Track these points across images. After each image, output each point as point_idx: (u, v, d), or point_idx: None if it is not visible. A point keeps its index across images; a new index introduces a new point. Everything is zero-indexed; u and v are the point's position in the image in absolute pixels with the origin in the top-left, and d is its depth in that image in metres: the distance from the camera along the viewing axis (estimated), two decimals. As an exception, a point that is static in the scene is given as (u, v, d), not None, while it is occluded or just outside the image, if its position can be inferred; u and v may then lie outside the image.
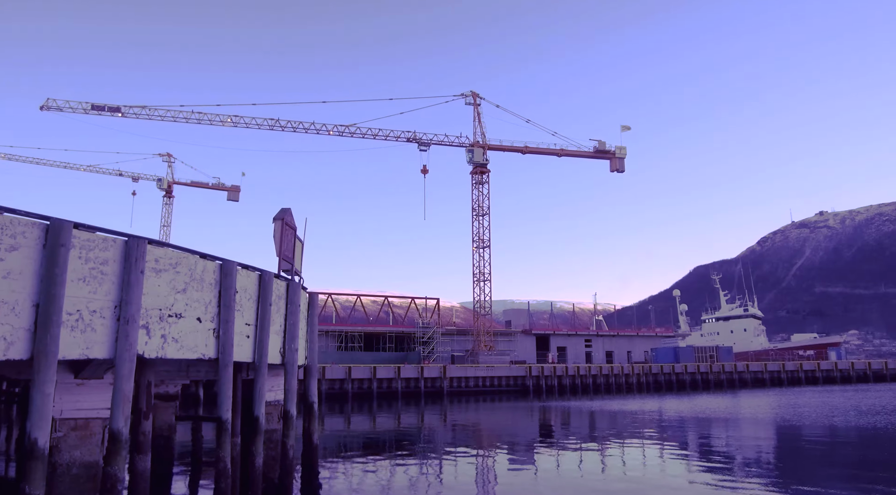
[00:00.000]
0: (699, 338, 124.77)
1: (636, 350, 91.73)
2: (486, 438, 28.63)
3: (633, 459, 20.91)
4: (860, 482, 16.16)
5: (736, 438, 26.60)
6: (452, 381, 62.63)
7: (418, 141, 79.93)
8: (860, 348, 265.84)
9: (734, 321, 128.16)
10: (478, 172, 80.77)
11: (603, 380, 69.62)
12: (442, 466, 19.80)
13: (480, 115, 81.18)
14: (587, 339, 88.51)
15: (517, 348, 79.35)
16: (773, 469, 18.93)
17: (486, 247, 79.11)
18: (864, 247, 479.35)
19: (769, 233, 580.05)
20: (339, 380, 57.46)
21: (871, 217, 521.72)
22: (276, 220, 14.51)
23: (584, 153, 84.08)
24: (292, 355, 13.23)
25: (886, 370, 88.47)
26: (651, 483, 16.10)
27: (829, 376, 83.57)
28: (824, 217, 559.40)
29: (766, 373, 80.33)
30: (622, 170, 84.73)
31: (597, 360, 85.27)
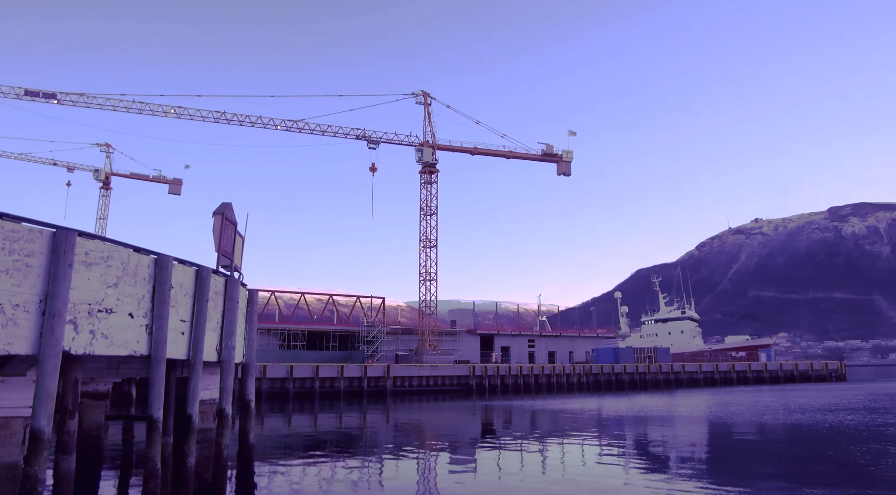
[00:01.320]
0: (639, 339, 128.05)
1: (578, 350, 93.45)
2: (428, 438, 28.67)
3: (572, 458, 21.30)
4: (789, 477, 16.88)
5: (672, 436, 27.40)
6: (396, 381, 62.48)
7: (367, 139, 79.42)
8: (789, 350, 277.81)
9: (672, 323, 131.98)
10: (427, 172, 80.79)
11: (545, 380, 70.67)
12: (383, 466, 19.73)
13: (431, 115, 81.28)
14: (531, 340, 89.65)
15: (462, 348, 79.74)
16: (707, 466, 19.58)
17: (433, 246, 79.22)
18: (796, 253, 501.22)
19: (707, 239, 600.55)
20: (281, 379, 56.58)
21: (802, 225, 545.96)
22: (216, 215, 14.19)
23: (531, 156, 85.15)
24: (229, 353, 12.96)
25: (812, 371, 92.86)
26: (589, 482, 16.43)
27: (759, 376, 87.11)
28: (759, 224, 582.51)
29: (700, 374, 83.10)
30: (569, 173, 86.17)
31: (540, 360, 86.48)
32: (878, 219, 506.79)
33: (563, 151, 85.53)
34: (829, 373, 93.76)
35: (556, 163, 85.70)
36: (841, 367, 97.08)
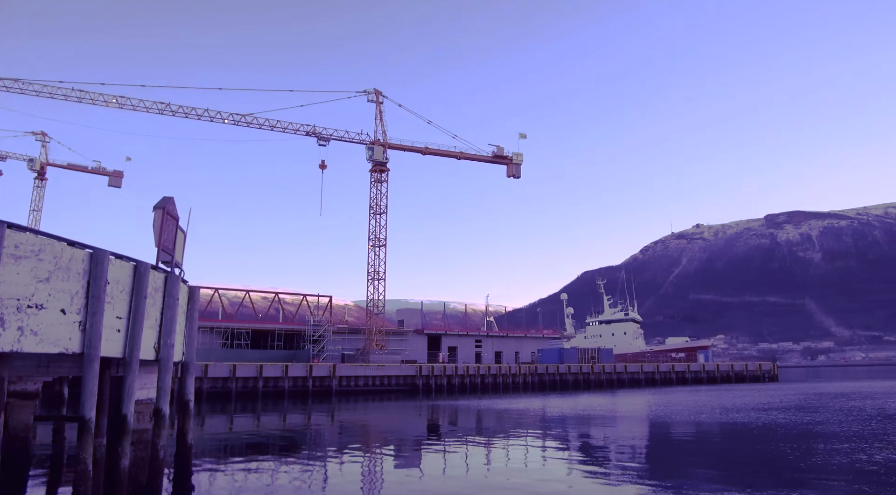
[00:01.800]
0: (583, 340, 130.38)
1: (524, 350, 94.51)
2: (373, 438, 28.52)
3: (516, 458, 21.53)
4: (725, 474, 17.45)
5: (614, 435, 27.99)
6: (342, 380, 61.93)
7: (318, 135, 78.48)
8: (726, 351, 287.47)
9: (615, 324, 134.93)
10: (377, 170, 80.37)
11: (491, 380, 71.22)
12: (327, 467, 19.52)
13: (382, 114, 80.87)
14: (478, 340, 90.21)
15: (409, 348, 79.63)
16: (647, 464, 20.07)
17: (382, 245, 78.85)
18: (734, 258, 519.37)
19: (651, 243, 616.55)
20: (223, 379, 55.35)
21: (740, 231, 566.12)
22: (157, 209, 13.77)
23: (482, 157, 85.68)
24: (168, 351, 12.59)
25: (746, 372, 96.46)
26: (532, 481, 16.63)
27: (697, 377, 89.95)
28: (700, 229, 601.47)
29: (642, 374, 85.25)
30: (518, 175, 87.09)
31: (486, 360, 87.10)
32: (811, 226, 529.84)
33: (513, 154, 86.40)
34: (762, 374, 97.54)
35: (507, 165, 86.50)
36: (773, 368, 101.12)
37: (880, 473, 16.61)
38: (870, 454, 19.89)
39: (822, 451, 21.19)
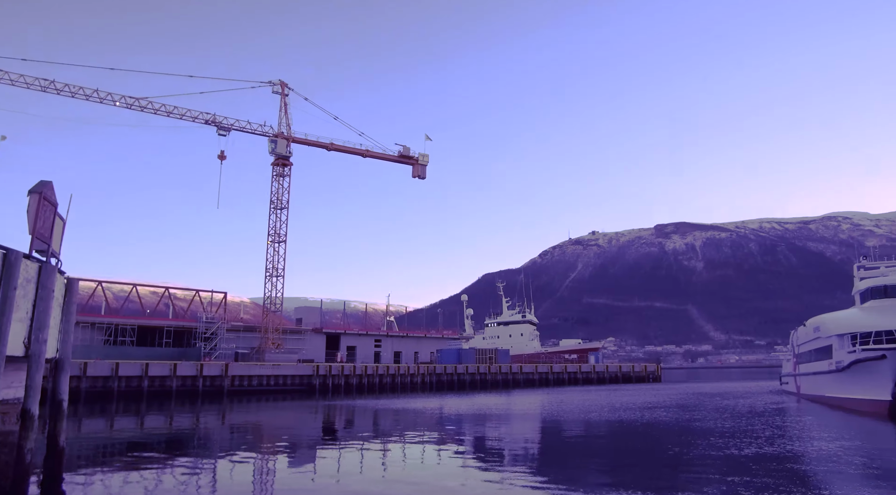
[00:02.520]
0: (482, 341, 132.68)
1: (423, 351, 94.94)
2: (267, 439, 27.64)
3: (412, 457, 21.49)
4: (612, 468, 18.19)
5: (508, 434, 28.57)
6: (235, 380, 59.82)
7: (218, 124, 75.32)
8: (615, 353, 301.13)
9: (513, 326, 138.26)
10: (280, 164, 78.21)
11: (390, 380, 71.04)
12: (216, 469, 18.69)
13: (287, 106, 78.84)
14: (377, 339, 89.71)
15: (307, 347, 77.99)
16: (539, 461, 20.59)
17: (282, 241, 76.80)
18: (625, 265, 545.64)
19: (550, 248, 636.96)
20: (104, 378, 52.08)
21: (632, 239, 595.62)
22: (33, 194, 12.67)
23: (388, 156, 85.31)
24: (39, 347, 11.59)
25: (633, 372, 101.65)
26: (428, 480, 16.64)
27: (588, 377, 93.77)
28: (595, 236, 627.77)
29: (536, 374, 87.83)
30: (423, 176, 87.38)
31: (385, 360, 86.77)
32: (696, 237, 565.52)
33: (419, 154, 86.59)
34: (647, 375, 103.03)
35: (412, 166, 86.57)
36: (657, 370, 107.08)
37: (749, 465, 17.88)
38: (740, 448, 21.37)
39: (700, 446, 22.56)
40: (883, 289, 43.27)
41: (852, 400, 37.09)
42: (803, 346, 51.63)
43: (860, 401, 35.77)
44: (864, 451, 20.93)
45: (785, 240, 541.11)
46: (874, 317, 38.71)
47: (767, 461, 18.83)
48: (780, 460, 19.10)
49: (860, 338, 36.56)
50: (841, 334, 39.54)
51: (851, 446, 21.97)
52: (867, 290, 44.71)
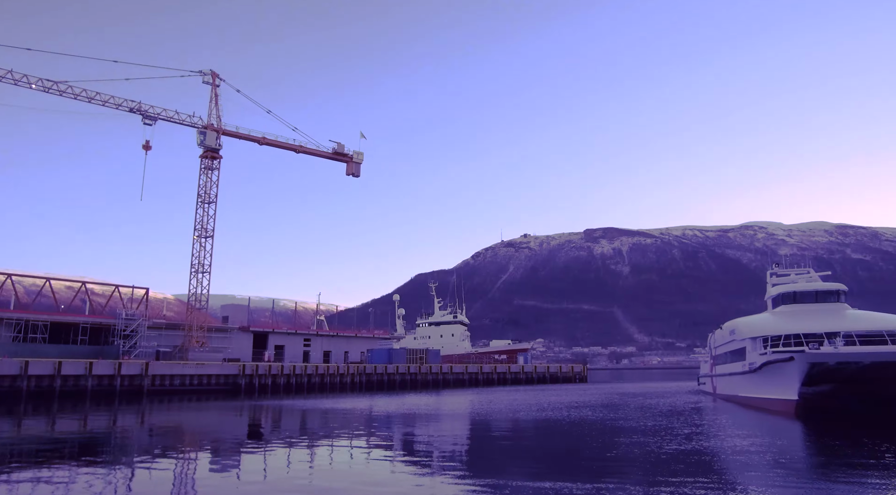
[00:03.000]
0: (413, 341, 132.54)
1: (354, 350, 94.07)
2: (188, 440, 26.68)
3: (340, 457, 21.21)
4: (539, 465, 18.44)
5: (437, 433, 28.61)
6: (156, 379, 57.64)
7: (143, 113, 72.29)
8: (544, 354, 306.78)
9: (444, 326, 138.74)
10: (208, 157, 75.82)
11: (318, 380, 70.06)
12: (134, 473, 17.88)
13: (218, 97, 76.52)
14: (307, 339, 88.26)
15: (233, 346, 75.90)
16: (467, 460, 20.67)
17: (209, 236, 74.48)
18: (555, 268, 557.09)
19: (482, 249, 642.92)
20: (11, 377, 49.23)
21: (562, 243, 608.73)
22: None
23: (322, 153, 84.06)
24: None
25: (560, 373, 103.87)
26: (355, 480, 16.44)
27: (517, 377, 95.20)
28: (527, 239, 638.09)
29: (466, 374, 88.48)
30: (358, 174, 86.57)
31: (314, 360, 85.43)
32: (623, 242, 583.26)
33: (353, 152, 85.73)
34: (573, 375, 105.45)
35: (347, 163, 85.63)
36: (583, 370, 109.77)
37: (669, 461, 18.55)
38: (660, 445, 22.14)
39: (624, 444, 23.24)
40: (792, 295, 45.79)
41: (763, 400, 39.03)
42: (720, 348, 54.02)
43: (771, 401, 37.69)
44: (773, 448, 22.05)
45: (706, 247, 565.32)
46: (784, 322, 40.91)
47: (686, 457, 19.57)
48: (698, 456, 19.89)
49: (771, 341, 38.53)
50: (754, 337, 41.57)
51: (762, 443, 23.10)
52: (778, 296, 47.20)
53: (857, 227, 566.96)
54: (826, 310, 42.78)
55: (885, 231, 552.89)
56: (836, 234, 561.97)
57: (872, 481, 15.20)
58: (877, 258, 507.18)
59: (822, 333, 35.80)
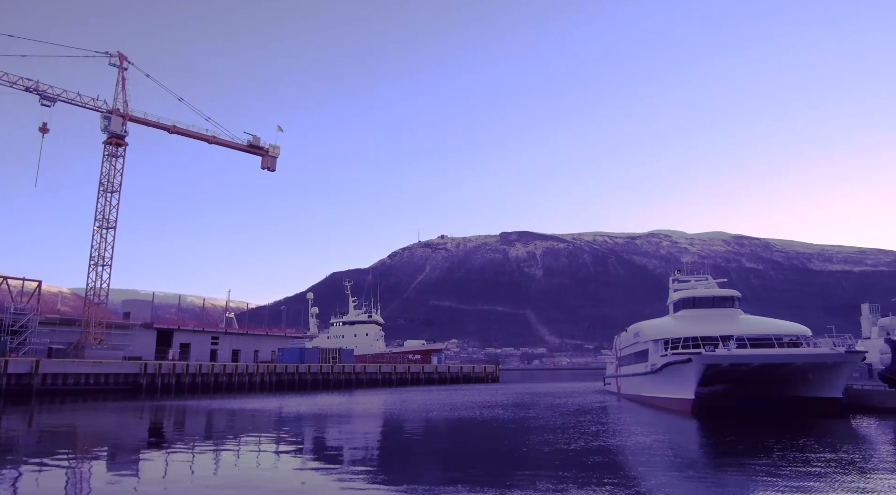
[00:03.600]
0: (326, 340, 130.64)
1: (264, 349, 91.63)
2: (82, 444, 25.10)
3: (247, 459, 20.56)
4: (451, 464, 18.54)
5: (349, 433, 28.27)
6: (47, 378, 54.09)
7: (41, 93, 67.48)
8: (458, 354, 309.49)
9: (358, 326, 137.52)
10: (113, 143, 71.75)
11: (226, 379, 67.84)
12: (21, 479, 16.61)
13: (125, 81, 72.52)
14: (214, 337, 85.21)
15: (134, 343, 72.19)
16: (379, 460, 20.52)
17: (110, 227, 70.50)
18: (471, 269, 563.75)
19: (399, 249, 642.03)
20: None
21: (479, 245, 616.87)
22: None
23: (236, 145, 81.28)
24: None
25: (473, 373, 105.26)
26: (264, 483, 15.99)
27: (430, 377, 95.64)
28: (444, 240, 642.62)
29: (380, 374, 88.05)
30: (273, 168, 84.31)
31: (222, 359, 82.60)
32: (536, 246, 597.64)
33: (269, 145, 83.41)
34: (486, 375, 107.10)
35: (262, 157, 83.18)
36: (496, 371, 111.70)
37: (577, 457, 19.12)
38: (569, 443, 22.79)
39: (534, 442, 23.77)
40: (692, 300, 48.36)
41: (664, 399, 40.95)
42: (624, 350, 56.28)
43: (670, 400, 39.59)
44: (672, 444, 23.16)
45: (615, 253, 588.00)
46: (684, 325, 43.12)
47: (593, 454, 20.24)
48: (604, 453, 20.62)
49: (671, 343, 40.52)
50: (656, 339, 43.57)
51: (662, 439, 24.21)
52: (679, 301, 49.72)
53: (751, 238, 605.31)
54: (722, 314, 45.39)
55: (776, 243, 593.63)
56: (733, 244, 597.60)
57: (761, 472, 16.20)
58: (768, 267, 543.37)
59: (718, 336, 37.92)
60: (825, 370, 34.22)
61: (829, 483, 14.91)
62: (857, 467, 17.34)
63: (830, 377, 34.28)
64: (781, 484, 14.74)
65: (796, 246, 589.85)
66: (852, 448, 21.54)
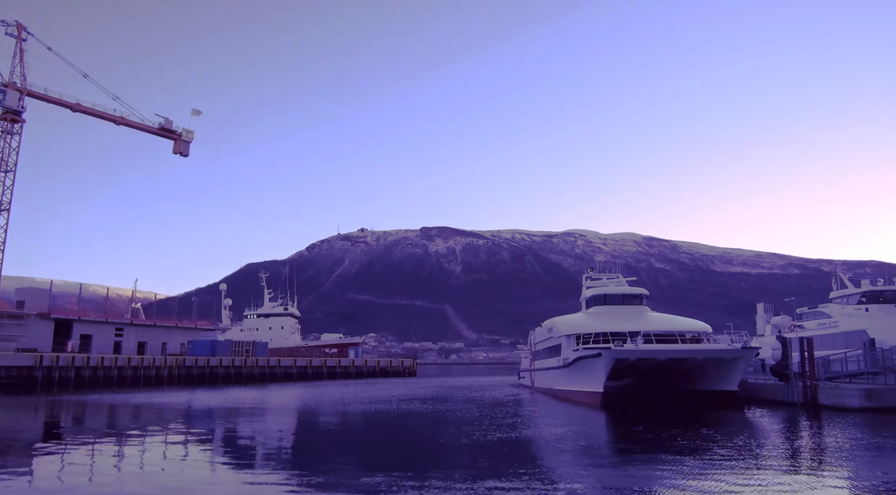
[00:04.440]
0: (239, 333, 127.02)
1: (173, 342, 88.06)
2: (-35, 440, 23.32)
3: (153, 456, 19.71)
4: (368, 459, 18.41)
5: (262, 428, 27.60)
6: (-73, 371, 49.86)
7: (-75, 63, 62.18)
8: (376, 348, 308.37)
9: (274, 318, 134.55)
10: (8, 120, 66.94)
11: (131, 372, 64.79)
12: None
13: (24, 53, 67.80)
14: (119, 328, 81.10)
15: (29, 334, 67.64)
16: (293, 455, 20.14)
17: (4, 210, 65.86)
18: (391, 263, 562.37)
19: (318, 241, 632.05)
20: None
21: (399, 239, 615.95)
22: None
23: (147, 127, 77.55)
24: None
25: (390, 367, 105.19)
26: (170, 480, 15.37)
27: (347, 371, 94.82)
28: (364, 233, 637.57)
29: (295, 368, 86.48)
30: (186, 154, 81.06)
31: (127, 351, 78.70)
32: (456, 242, 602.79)
33: (183, 129, 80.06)
34: (403, 369, 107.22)
35: (174, 141, 79.80)
36: (413, 364, 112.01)
37: (493, 449, 19.44)
38: (484, 434, 23.13)
39: (451, 434, 23.99)
40: (603, 297, 50.23)
41: (575, 392, 42.29)
42: (539, 345, 57.73)
43: (581, 393, 40.93)
44: (582, 434, 23.96)
45: (532, 250, 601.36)
46: (595, 321, 44.72)
47: (508, 445, 20.64)
48: (518, 444, 21.08)
49: (583, 338, 41.95)
50: (569, 334, 44.95)
51: (573, 430, 25.00)
52: (591, 298, 51.53)
53: (660, 240, 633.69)
54: (630, 311, 47.36)
55: (682, 244, 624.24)
56: (643, 245, 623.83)
57: (665, 460, 16.98)
58: (675, 268, 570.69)
59: (626, 332, 39.55)
60: (723, 365, 36.30)
61: (727, 467, 15.82)
62: (751, 453, 18.49)
63: (728, 371, 36.38)
64: (685, 470, 15.52)
65: (701, 248, 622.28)
66: (746, 436, 22.97)
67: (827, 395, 33.20)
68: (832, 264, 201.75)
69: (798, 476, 15.24)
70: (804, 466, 16.89)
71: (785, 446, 20.93)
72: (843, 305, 52.90)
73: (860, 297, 51.40)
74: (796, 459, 18.18)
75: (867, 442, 20.75)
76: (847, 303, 52.57)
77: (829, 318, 53.20)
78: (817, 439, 22.59)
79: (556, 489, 13.40)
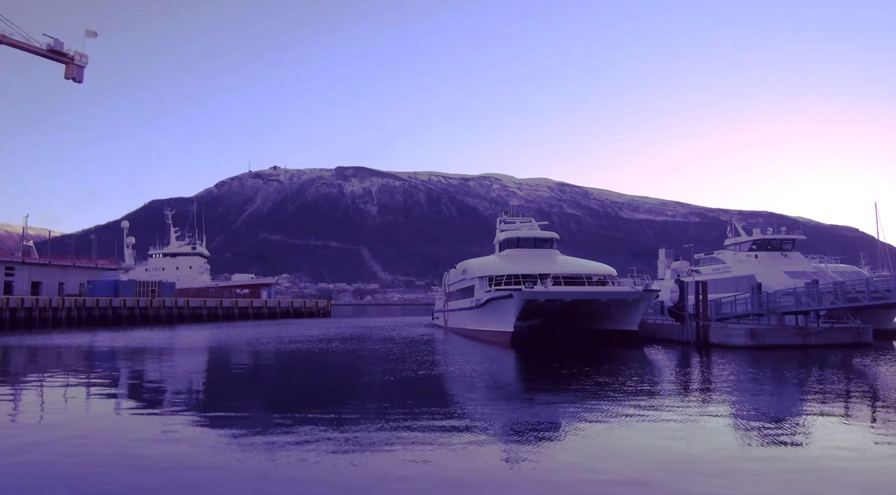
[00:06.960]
0: (144, 273, 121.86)
1: (71, 282, 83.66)
2: None
3: (52, 400, 18.96)
4: (282, 399, 18.44)
5: (169, 370, 26.97)
6: None
7: None
8: (289, 289, 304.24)
9: (181, 258, 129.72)
10: None
11: (25, 314, 61.34)
12: None
13: None
14: (9, 266, 76.07)
15: None
16: (204, 397, 19.86)
17: None
18: (304, 203, 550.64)
19: (228, 178, 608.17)
20: None
21: (313, 178, 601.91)
22: None
23: (34, 48, 70.75)
24: None
25: (304, 308, 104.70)
26: (71, 425, 14.86)
27: (259, 312, 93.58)
28: (277, 172, 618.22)
29: (205, 309, 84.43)
30: (80, 79, 74.80)
31: (19, 292, 74.17)
32: (372, 182, 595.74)
33: (76, 53, 73.59)
34: (318, 310, 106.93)
35: (66, 65, 73.45)
36: (327, 305, 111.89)
37: (406, 383, 19.93)
38: (400, 371, 23.61)
39: (367, 371, 24.32)
40: (515, 240, 51.47)
41: (487, 332, 43.62)
42: (453, 286, 58.80)
43: (492, 333, 42.26)
44: (490, 372, 24.89)
45: (448, 193, 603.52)
46: (507, 264, 45.92)
47: (421, 382, 21.22)
48: (431, 381, 21.71)
49: (495, 280, 43.10)
50: (482, 276, 45.98)
51: (482, 368, 25.90)
52: (504, 241, 52.69)
53: (573, 186, 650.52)
54: (541, 254, 48.84)
55: (593, 191, 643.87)
56: (556, 191, 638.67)
57: (569, 395, 17.98)
58: (585, 214, 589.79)
59: (537, 275, 40.91)
60: (625, 306, 38.30)
61: (625, 400, 16.93)
62: (648, 386, 19.87)
63: (629, 312, 38.44)
64: (587, 404, 16.52)
65: (611, 195, 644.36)
66: (644, 371, 24.62)
67: (716, 334, 35.83)
68: (729, 213, 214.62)
69: (688, 405, 16.55)
70: (693, 397, 18.32)
71: (677, 380, 22.62)
72: (735, 252, 56.63)
73: (751, 245, 55.13)
74: (686, 391, 19.69)
75: (747, 376, 22.75)
76: (739, 250, 56.30)
77: (723, 264, 56.91)
78: (706, 373, 24.49)
79: (468, 425, 13.93)
